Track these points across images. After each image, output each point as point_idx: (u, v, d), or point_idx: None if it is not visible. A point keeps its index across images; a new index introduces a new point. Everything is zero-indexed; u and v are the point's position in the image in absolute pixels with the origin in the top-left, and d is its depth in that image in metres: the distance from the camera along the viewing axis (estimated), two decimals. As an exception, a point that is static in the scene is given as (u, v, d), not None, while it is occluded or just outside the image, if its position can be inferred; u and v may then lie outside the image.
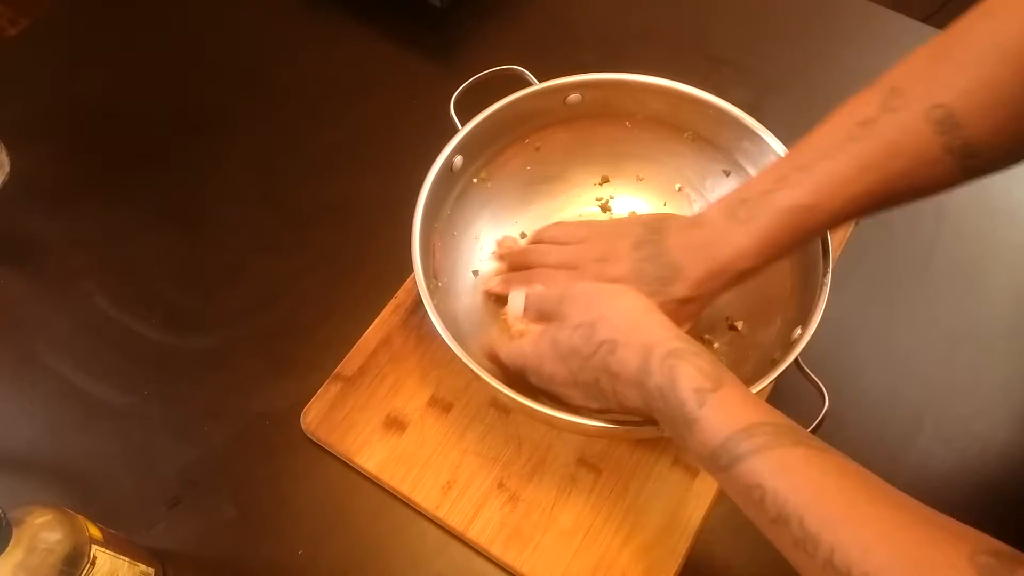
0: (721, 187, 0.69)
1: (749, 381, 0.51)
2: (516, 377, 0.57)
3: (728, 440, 0.43)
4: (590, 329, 0.51)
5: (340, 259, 0.75)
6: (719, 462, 0.43)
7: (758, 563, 0.62)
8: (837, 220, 0.53)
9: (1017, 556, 0.36)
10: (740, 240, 0.54)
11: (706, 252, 0.56)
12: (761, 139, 0.64)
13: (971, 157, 0.48)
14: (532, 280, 0.62)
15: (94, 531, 0.53)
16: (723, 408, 0.44)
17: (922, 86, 0.49)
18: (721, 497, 0.63)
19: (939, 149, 0.48)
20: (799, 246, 0.55)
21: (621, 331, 0.50)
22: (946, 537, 0.37)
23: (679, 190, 0.72)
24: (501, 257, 0.70)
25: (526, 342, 0.56)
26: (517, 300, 0.59)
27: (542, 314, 0.57)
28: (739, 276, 0.56)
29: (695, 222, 0.58)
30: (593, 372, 0.51)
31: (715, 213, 0.56)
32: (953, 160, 0.48)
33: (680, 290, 0.56)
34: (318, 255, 0.76)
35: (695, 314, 0.59)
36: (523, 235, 0.73)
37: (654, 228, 0.60)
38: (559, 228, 0.66)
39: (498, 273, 0.69)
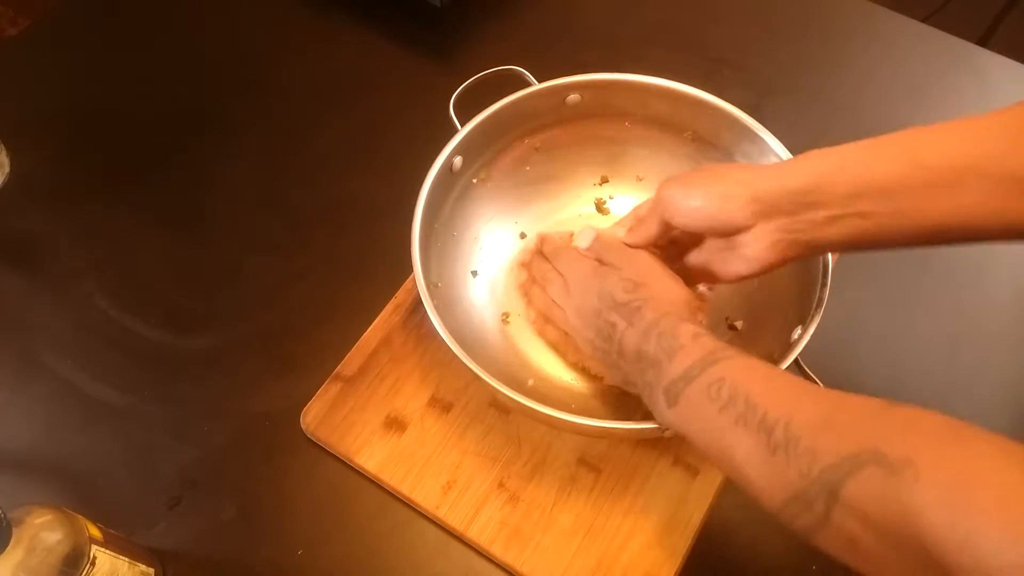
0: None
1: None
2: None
3: (707, 354, 0.48)
4: (633, 285, 0.55)
5: (340, 259, 0.75)
6: (689, 375, 0.48)
7: (758, 563, 0.62)
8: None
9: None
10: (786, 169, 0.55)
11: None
12: (761, 139, 0.64)
13: None
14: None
15: (94, 531, 0.53)
16: (710, 340, 0.50)
17: None
18: (721, 497, 0.63)
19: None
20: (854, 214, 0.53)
21: (657, 299, 0.54)
22: (858, 395, 0.42)
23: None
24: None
25: (579, 260, 0.61)
26: (588, 234, 0.62)
27: (603, 252, 0.60)
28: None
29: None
30: (615, 316, 0.55)
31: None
32: None
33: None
34: (318, 255, 0.76)
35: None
36: (523, 235, 0.73)
37: None
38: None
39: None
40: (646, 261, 0.59)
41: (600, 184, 0.74)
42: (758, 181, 0.52)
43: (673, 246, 0.61)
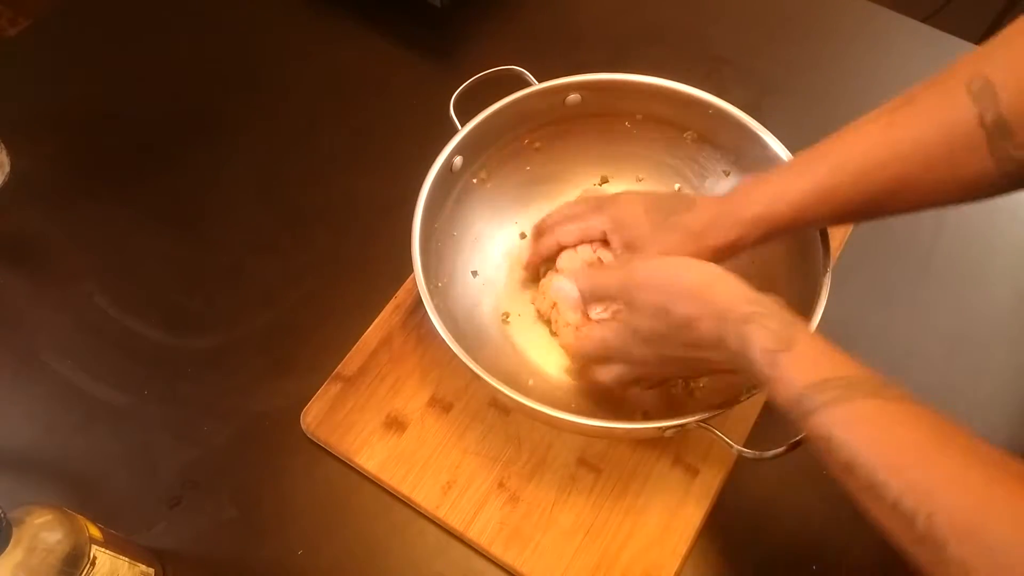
0: (721, 187, 0.69)
1: (749, 381, 0.51)
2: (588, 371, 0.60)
3: (800, 396, 0.43)
4: (665, 313, 0.51)
5: (340, 259, 0.75)
6: (793, 417, 0.44)
7: (757, 563, 0.62)
8: (860, 190, 0.52)
9: None
10: (759, 192, 0.55)
11: (722, 201, 0.57)
12: (761, 139, 0.64)
13: (1003, 138, 0.47)
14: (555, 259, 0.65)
15: (94, 531, 0.53)
16: (793, 367, 0.45)
17: (970, 60, 0.49)
18: (721, 497, 0.63)
19: (973, 120, 0.47)
20: (817, 216, 0.54)
21: (694, 306, 0.50)
22: (1011, 477, 0.38)
23: (679, 190, 0.72)
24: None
25: (608, 334, 0.56)
26: (567, 288, 0.59)
27: (603, 299, 0.58)
28: (745, 225, 0.55)
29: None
30: (678, 349, 0.52)
31: (746, 178, 0.57)
32: (986, 138, 0.47)
33: (684, 217, 0.57)
34: (318, 255, 0.76)
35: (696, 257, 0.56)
36: (523, 235, 0.73)
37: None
38: (566, 207, 0.67)
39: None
40: (646, 273, 0.54)
41: (600, 184, 0.74)
42: (755, 211, 0.55)
43: None
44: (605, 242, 0.64)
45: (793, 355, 0.45)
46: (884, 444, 0.41)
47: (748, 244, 0.56)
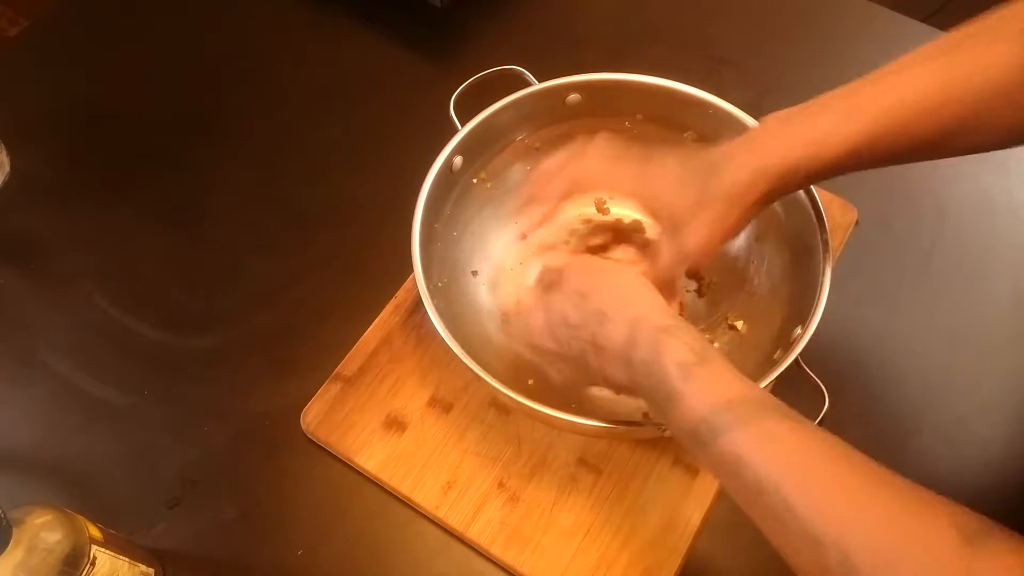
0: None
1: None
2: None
3: (710, 413, 0.42)
4: (582, 298, 0.50)
5: (340, 259, 0.75)
6: (700, 436, 0.42)
7: (757, 563, 0.62)
8: (907, 136, 0.49)
9: (990, 524, 0.36)
10: (797, 133, 0.51)
11: (754, 145, 0.52)
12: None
13: None
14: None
15: (94, 531, 0.53)
16: (707, 383, 0.43)
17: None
18: (721, 497, 0.63)
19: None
20: (860, 160, 0.51)
21: (613, 304, 0.49)
22: (926, 506, 0.37)
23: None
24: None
25: (525, 311, 0.55)
26: (532, 270, 0.60)
27: (549, 283, 0.55)
28: (787, 170, 0.51)
29: (750, 131, 0.54)
30: (580, 344, 0.50)
31: (764, 124, 0.53)
32: None
33: (728, 176, 0.52)
34: (318, 255, 0.76)
35: (741, 217, 0.53)
36: (523, 236, 0.73)
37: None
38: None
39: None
40: (583, 261, 0.53)
41: (600, 184, 0.74)
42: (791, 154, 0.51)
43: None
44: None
45: (707, 371, 0.44)
46: (797, 466, 0.39)
47: (789, 191, 0.54)
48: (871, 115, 0.50)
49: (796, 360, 0.56)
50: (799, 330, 0.57)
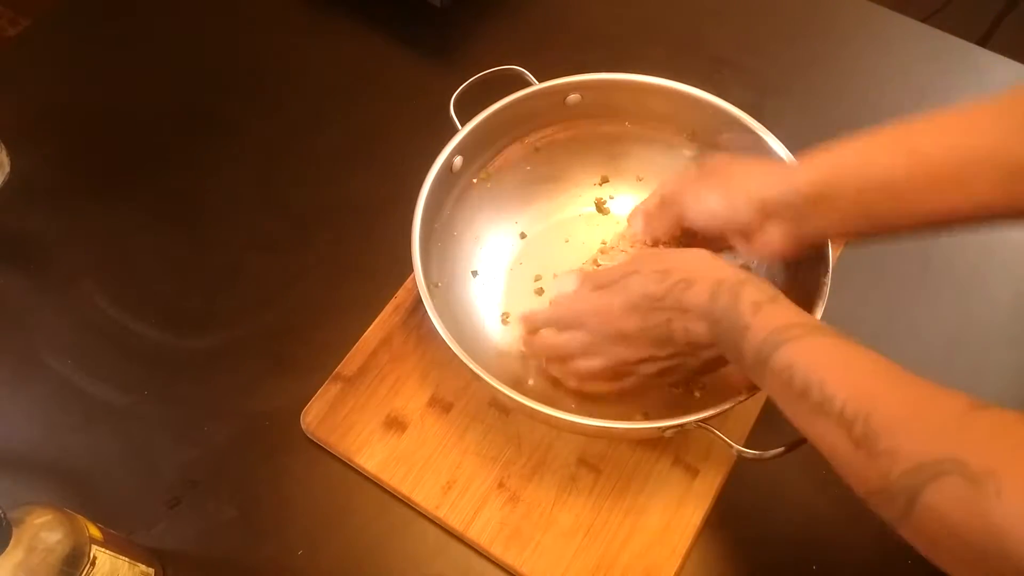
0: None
1: (749, 381, 0.51)
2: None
3: (771, 334, 0.47)
4: (664, 273, 0.54)
5: (340, 259, 0.75)
6: (761, 355, 0.47)
7: (758, 563, 0.62)
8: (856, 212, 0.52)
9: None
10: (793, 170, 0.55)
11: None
12: (760, 138, 0.64)
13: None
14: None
15: (94, 531, 0.53)
16: (773, 314, 0.49)
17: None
18: (721, 497, 0.63)
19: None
20: (859, 212, 0.53)
21: (696, 271, 0.53)
22: (946, 390, 0.41)
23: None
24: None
25: (591, 296, 0.58)
26: (569, 277, 0.61)
27: (603, 284, 0.58)
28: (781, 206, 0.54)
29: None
30: (664, 313, 0.53)
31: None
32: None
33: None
34: (318, 255, 0.76)
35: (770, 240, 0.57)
36: (523, 235, 0.73)
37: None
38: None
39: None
40: (650, 253, 0.59)
41: (600, 184, 0.74)
42: (765, 190, 0.54)
43: (687, 239, 0.62)
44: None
45: (774, 306, 0.49)
46: (839, 366, 0.45)
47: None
48: (827, 164, 0.53)
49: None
50: (799, 330, 0.57)
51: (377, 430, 0.66)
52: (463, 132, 0.65)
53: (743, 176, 0.56)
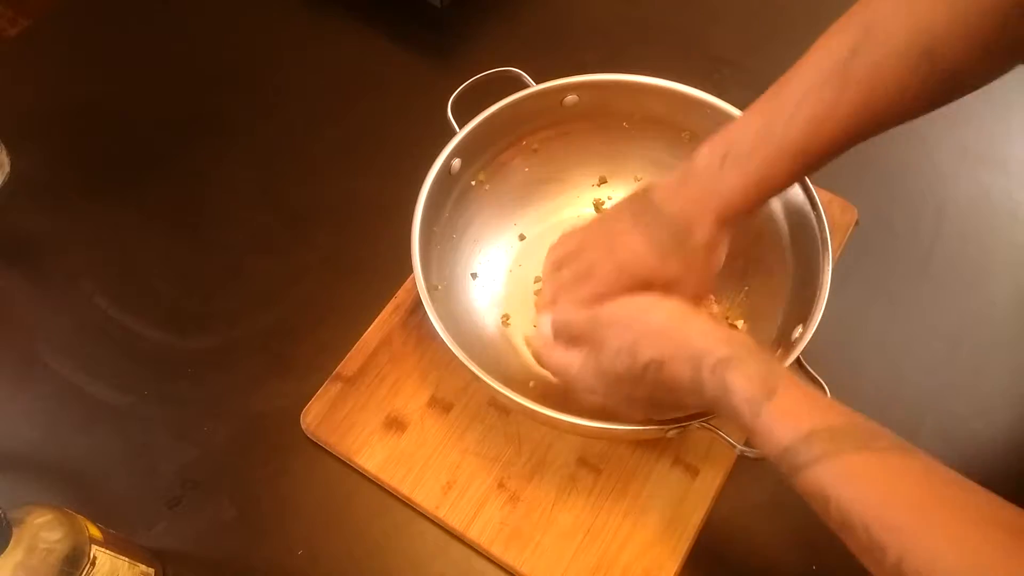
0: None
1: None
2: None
3: (787, 451, 0.42)
4: (631, 354, 0.50)
5: (340, 259, 0.75)
6: (783, 468, 0.43)
7: (758, 563, 0.62)
8: (825, 158, 0.53)
9: None
10: (734, 185, 0.54)
11: (705, 203, 0.55)
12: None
13: (949, 82, 0.49)
14: (556, 301, 0.59)
15: (94, 531, 0.53)
16: (778, 417, 0.44)
17: (897, 22, 0.49)
18: (721, 497, 0.63)
19: (918, 81, 0.49)
20: (792, 183, 0.58)
21: (664, 347, 0.49)
22: (1014, 535, 0.37)
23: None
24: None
25: (572, 366, 0.54)
26: (544, 325, 0.56)
27: (573, 340, 0.54)
28: (737, 218, 0.56)
29: (682, 179, 0.56)
30: (647, 389, 0.50)
31: (701, 166, 0.55)
32: (933, 86, 0.49)
33: (701, 236, 0.55)
34: (318, 255, 0.76)
35: (719, 260, 0.58)
36: (522, 237, 0.73)
37: (643, 198, 0.58)
38: (555, 252, 0.62)
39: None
40: (613, 312, 0.53)
41: (599, 185, 0.74)
42: (706, 226, 0.55)
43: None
44: None
45: (776, 404, 0.44)
46: (881, 504, 0.40)
47: (754, 210, 0.57)
48: (780, 161, 0.53)
49: (797, 359, 0.56)
50: (800, 330, 0.57)
51: (377, 430, 0.66)
52: (461, 135, 0.65)
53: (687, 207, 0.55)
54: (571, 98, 0.68)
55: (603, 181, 0.74)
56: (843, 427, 0.42)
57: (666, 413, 0.54)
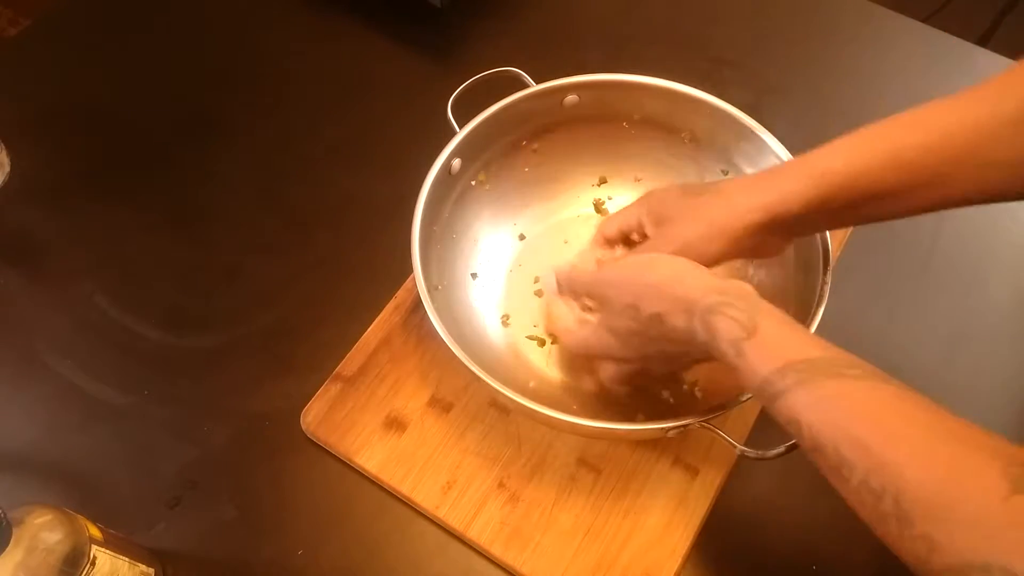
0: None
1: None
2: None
3: (764, 382, 0.44)
4: (635, 309, 0.51)
5: (340, 259, 0.75)
6: (763, 399, 0.45)
7: (758, 564, 0.62)
8: (860, 196, 0.51)
9: None
10: (794, 186, 0.52)
11: (759, 190, 0.54)
12: (759, 139, 0.64)
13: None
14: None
15: (94, 531, 0.53)
16: (757, 354, 0.45)
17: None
18: (721, 497, 0.63)
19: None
20: (849, 214, 0.53)
21: (661, 300, 0.50)
22: (978, 452, 0.38)
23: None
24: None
25: (588, 334, 0.56)
26: (549, 280, 0.60)
27: (576, 294, 0.58)
28: (788, 220, 0.53)
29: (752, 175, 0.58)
30: (655, 344, 0.52)
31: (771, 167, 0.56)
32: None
33: (720, 190, 0.55)
34: (318, 255, 0.76)
35: (754, 249, 0.56)
36: (522, 237, 0.73)
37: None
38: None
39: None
40: (616, 270, 0.55)
41: (598, 185, 0.74)
42: (749, 214, 0.53)
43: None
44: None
45: (756, 342, 0.45)
46: (849, 424, 0.41)
47: (768, 233, 0.55)
48: (818, 176, 0.52)
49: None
50: (799, 330, 0.57)
51: (377, 430, 0.66)
52: (461, 135, 0.65)
53: (714, 211, 0.54)
54: (571, 98, 0.68)
55: (603, 181, 0.74)
56: (820, 358, 0.44)
57: (681, 364, 0.56)
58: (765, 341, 0.45)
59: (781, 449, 0.53)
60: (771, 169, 0.56)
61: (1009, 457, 0.37)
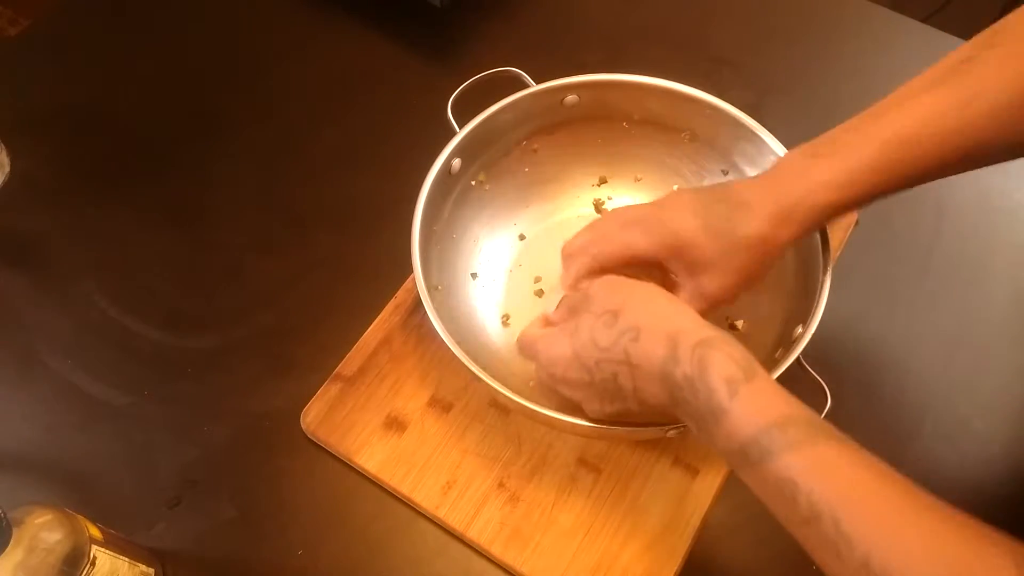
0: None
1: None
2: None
3: (760, 433, 0.41)
4: (612, 317, 0.48)
5: (340, 259, 0.75)
6: (749, 456, 0.41)
7: (758, 563, 0.62)
8: (932, 161, 0.49)
9: None
10: (820, 173, 0.50)
11: (777, 188, 0.51)
12: (759, 139, 0.64)
13: None
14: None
15: (94, 531, 0.53)
16: (755, 400, 0.42)
17: None
18: (721, 497, 0.63)
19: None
20: (887, 190, 0.50)
21: (647, 319, 0.47)
22: (990, 545, 0.36)
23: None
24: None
25: (541, 333, 0.54)
26: (552, 299, 0.59)
27: (571, 310, 0.54)
28: (815, 213, 0.51)
29: (766, 172, 0.54)
30: (611, 366, 0.48)
31: (791, 155, 0.53)
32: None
33: (749, 226, 0.51)
34: (318, 255, 0.76)
35: (766, 264, 0.54)
36: (522, 237, 0.73)
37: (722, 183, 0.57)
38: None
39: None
40: (608, 280, 0.52)
41: (599, 185, 0.74)
42: (769, 204, 0.51)
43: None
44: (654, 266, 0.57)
45: (753, 387, 0.42)
46: (854, 497, 0.39)
47: (808, 234, 0.54)
48: (879, 149, 0.50)
49: (797, 359, 0.56)
50: (800, 329, 0.57)
51: (377, 430, 0.66)
52: (461, 135, 0.65)
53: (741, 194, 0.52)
54: (571, 98, 0.68)
55: (603, 181, 0.74)
56: (814, 420, 0.41)
57: (622, 404, 0.50)
58: (762, 389, 0.43)
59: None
60: (772, 170, 0.55)
61: (1018, 551, 0.36)
